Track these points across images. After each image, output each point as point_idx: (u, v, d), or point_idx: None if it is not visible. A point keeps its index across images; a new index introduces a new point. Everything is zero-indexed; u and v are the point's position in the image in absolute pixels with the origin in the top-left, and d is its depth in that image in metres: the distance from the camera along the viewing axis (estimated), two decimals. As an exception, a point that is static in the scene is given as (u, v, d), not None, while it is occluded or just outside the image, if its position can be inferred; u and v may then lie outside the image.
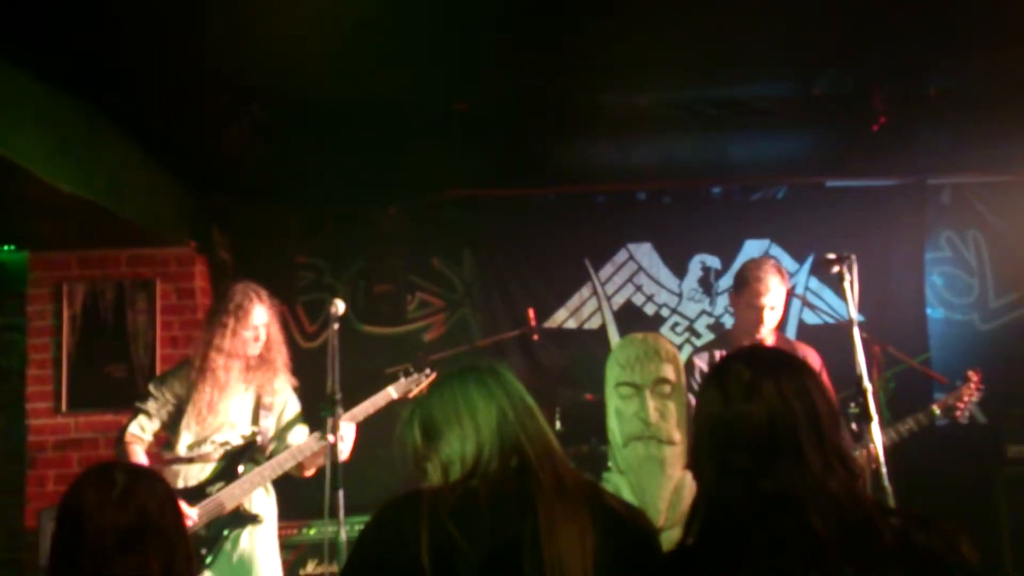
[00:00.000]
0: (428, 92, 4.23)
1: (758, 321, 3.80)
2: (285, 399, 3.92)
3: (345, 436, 3.62)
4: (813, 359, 3.90)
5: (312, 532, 4.57)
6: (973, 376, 4.24)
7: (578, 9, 3.46)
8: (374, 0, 3.30)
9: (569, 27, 3.61)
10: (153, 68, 3.77)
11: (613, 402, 2.59)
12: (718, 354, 3.94)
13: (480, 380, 1.84)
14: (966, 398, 4.22)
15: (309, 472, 3.82)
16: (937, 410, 4.22)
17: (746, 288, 3.84)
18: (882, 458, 3.00)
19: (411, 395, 3.84)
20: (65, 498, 1.84)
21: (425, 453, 1.81)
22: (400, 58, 3.83)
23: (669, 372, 2.54)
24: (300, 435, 3.88)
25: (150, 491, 1.83)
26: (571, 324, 5.68)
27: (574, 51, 3.85)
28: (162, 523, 1.81)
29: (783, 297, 3.87)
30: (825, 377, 3.77)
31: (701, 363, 3.95)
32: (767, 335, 3.86)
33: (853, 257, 3.33)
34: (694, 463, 1.74)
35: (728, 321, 5.38)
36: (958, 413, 4.23)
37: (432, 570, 1.58)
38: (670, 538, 2.19)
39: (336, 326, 3.48)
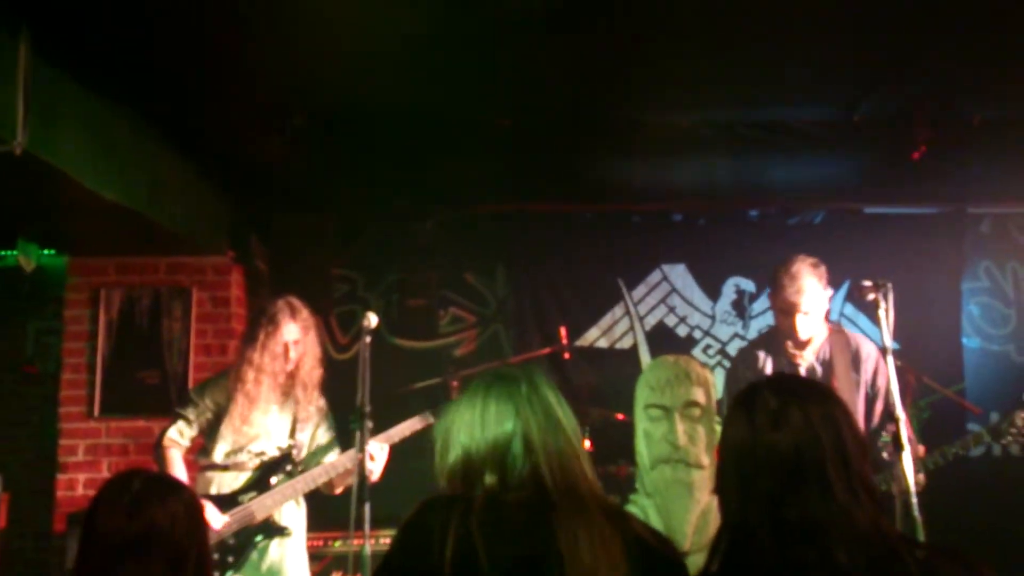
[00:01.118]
0: (469, 106, 4.26)
1: (791, 328, 3.70)
2: (320, 419, 3.94)
3: (377, 456, 3.63)
4: (870, 349, 3.79)
5: (338, 544, 4.58)
6: None
7: (623, 28, 3.46)
8: (421, 14, 3.33)
9: (613, 46, 3.61)
10: (196, 76, 3.82)
11: (642, 424, 2.58)
12: (761, 355, 3.87)
13: (505, 390, 1.81)
14: (1020, 423, 3.73)
15: (338, 490, 3.83)
16: (985, 435, 3.83)
17: (778, 294, 3.72)
18: (912, 488, 2.94)
19: None
20: (90, 502, 1.89)
21: (441, 462, 1.81)
22: (443, 71, 3.86)
23: (699, 395, 2.53)
24: (332, 456, 3.90)
25: (164, 503, 1.84)
26: (603, 343, 5.67)
27: (617, 69, 3.85)
28: (172, 534, 1.82)
29: (821, 300, 3.71)
30: (884, 367, 3.61)
31: (740, 359, 3.93)
32: (813, 332, 3.74)
33: (889, 285, 3.28)
34: (719, 489, 1.73)
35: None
36: (1012, 438, 3.75)
37: None
38: (695, 563, 2.17)
39: (368, 339, 3.49)
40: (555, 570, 1.60)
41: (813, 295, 3.65)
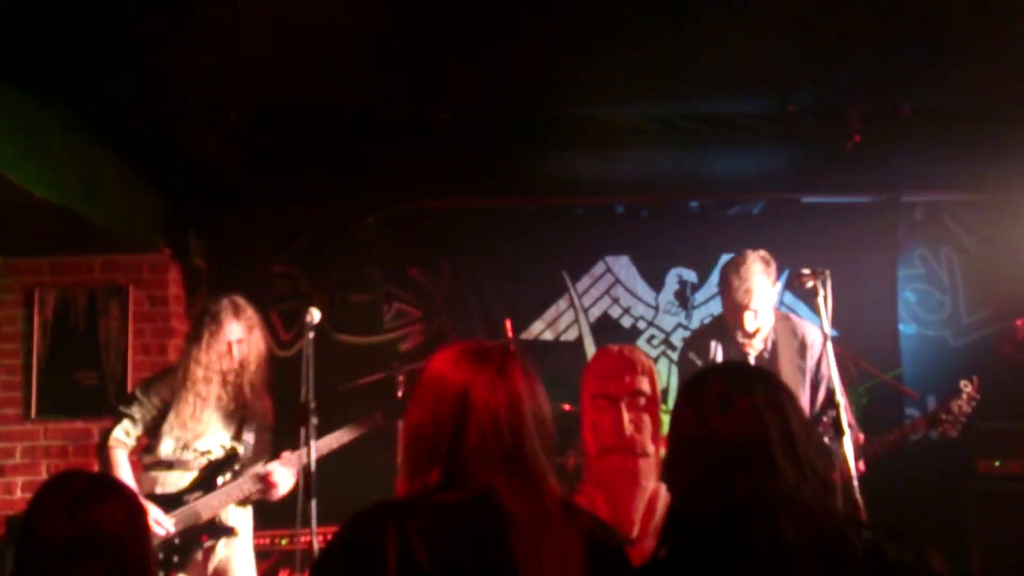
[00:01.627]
0: (408, 101, 4.23)
1: (739, 323, 3.76)
2: (265, 420, 3.90)
3: (281, 483, 3.66)
4: (815, 335, 3.85)
5: (285, 542, 4.53)
6: (967, 386, 4.00)
7: (560, 22, 3.47)
8: (356, 8, 3.30)
9: (551, 40, 3.62)
10: (130, 72, 3.75)
11: (588, 414, 2.59)
12: (712, 344, 3.92)
13: (468, 366, 1.67)
14: (956, 410, 3.98)
15: (277, 496, 3.79)
16: (926, 422, 4.05)
17: (727, 291, 3.78)
18: (854, 472, 3.01)
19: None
20: (28, 504, 1.84)
21: (402, 454, 1.70)
22: (379, 67, 3.83)
23: (644, 384, 2.54)
24: (260, 464, 3.87)
25: (105, 504, 1.80)
26: (548, 336, 5.68)
27: (555, 64, 3.86)
28: (114, 537, 1.78)
29: (769, 295, 3.77)
30: (828, 352, 3.64)
31: (691, 346, 3.98)
32: (761, 322, 3.79)
33: (827, 272, 3.35)
34: (668, 474, 1.74)
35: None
36: (947, 426, 3.98)
37: None
38: (643, 550, 2.19)
39: (311, 335, 3.46)
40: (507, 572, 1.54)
41: (762, 292, 3.73)
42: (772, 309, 3.87)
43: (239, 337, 3.79)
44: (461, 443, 1.62)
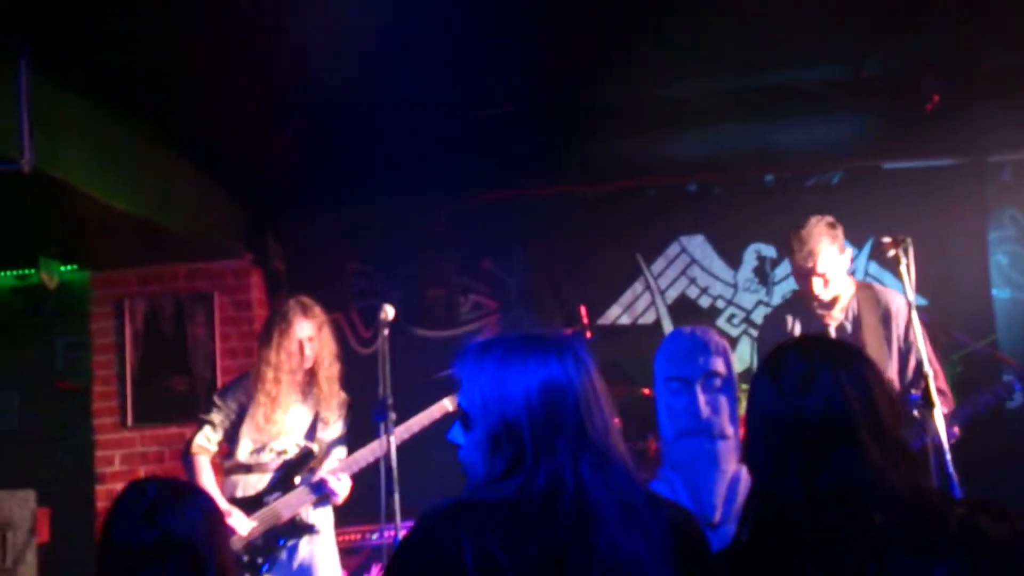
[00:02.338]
0: (475, 93, 4.24)
1: (808, 291, 3.65)
2: (339, 416, 3.96)
3: (339, 490, 3.72)
4: (900, 303, 3.71)
5: (375, 537, 4.60)
6: None
7: (619, 3, 3.43)
8: (408, 6, 3.31)
9: (615, 18, 3.57)
10: (195, 81, 3.84)
11: (663, 397, 2.56)
12: (789, 319, 3.82)
13: (531, 354, 1.61)
14: None
15: (336, 503, 3.85)
16: (1015, 381, 3.71)
17: (792, 257, 3.68)
18: (946, 445, 2.91)
19: None
20: (107, 511, 1.88)
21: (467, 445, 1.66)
22: (443, 61, 3.84)
23: (719, 365, 2.50)
24: (335, 458, 3.93)
25: (180, 508, 1.82)
26: (625, 320, 5.64)
27: (616, 45, 3.82)
28: (190, 542, 1.80)
29: (838, 260, 3.63)
30: (916, 320, 3.54)
31: (768, 324, 3.89)
32: (839, 289, 3.67)
33: (909, 240, 3.23)
34: (748, 457, 1.69)
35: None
36: None
37: None
38: (726, 534, 2.15)
39: (386, 331, 3.50)
40: (586, 564, 1.50)
41: (827, 256, 3.59)
42: (848, 277, 3.73)
43: (309, 335, 3.84)
44: (534, 433, 1.58)
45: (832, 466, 1.53)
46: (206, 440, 3.87)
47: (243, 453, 3.81)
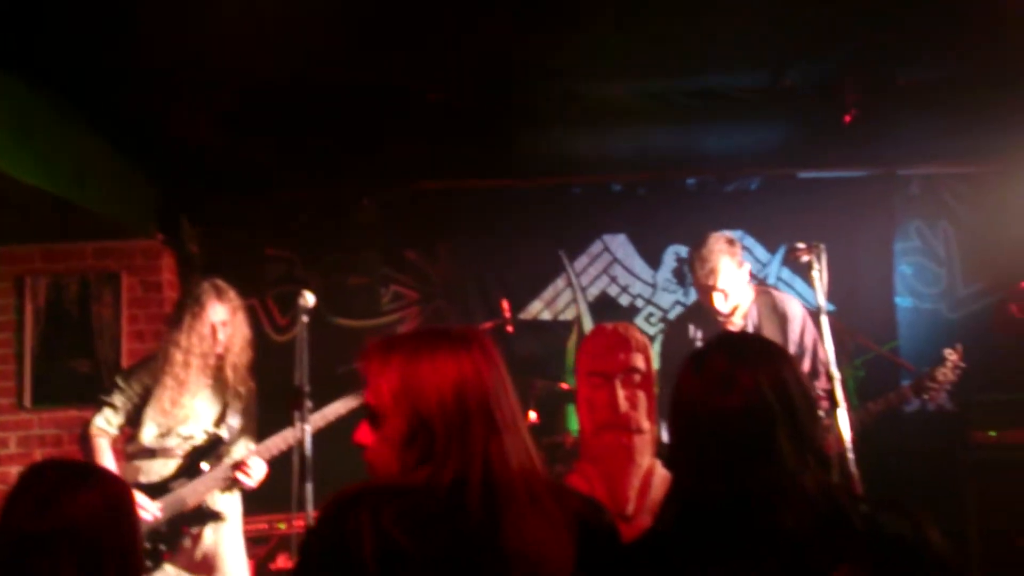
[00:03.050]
0: (402, 82, 4.19)
1: (709, 304, 3.78)
2: (247, 404, 3.88)
3: (254, 474, 3.65)
4: (796, 308, 3.88)
5: (283, 526, 4.53)
6: (951, 355, 4.06)
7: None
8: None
9: (544, 16, 3.58)
10: (115, 55, 3.70)
11: (584, 391, 2.58)
12: (691, 327, 3.94)
13: (440, 348, 1.64)
14: (940, 378, 4.03)
15: (247, 486, 3.76)
16: (911, 390, 4.07)
17: (695, 273, 3.80)
18: (849, 444, 3.01)
19: None
20: (3, 495, 1.77)
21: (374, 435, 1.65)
22: (374, 47, 3.79)
23: (639, 361, 2.54)
24: (242, 448, 3.86)
25: (79, 493, 1.71)
26: (546, 315, 5.67)
27: (549, 41, 3.82)
28: (88, 529, 1.68)
29: (737, 275, 3.77)
30: (811, 325, 3.75)
31: (671, 332, 3.98)
32: (739, 298, 3.80)
33: (822, 247, 3.34)
34: (670, 453, 1.72)
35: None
36: (933, 393, 4.04)
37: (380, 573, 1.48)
38: (638, 527, 2.18)
39: (305, 319, 3.45)
40: (495, 554, 1.52)
41: (727, 273, 3.73)
42: (747, 286, 3.87)
43: (223, 319, 3.76)
44: (446, 425, 1.59)
45: (749, 465, 1.56)
46: (106, 423, 3.75)
47: (148, 437, 3.71)
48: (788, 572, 1.50)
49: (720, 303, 3.75)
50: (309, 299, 3.50)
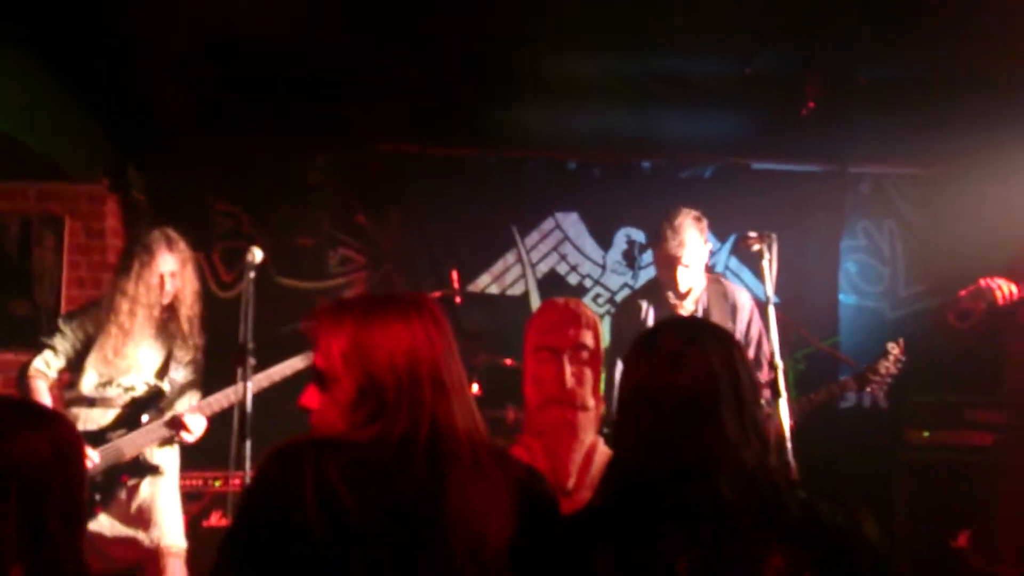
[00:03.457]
0: (363, 45, 4.13)
1: (672, 280, 3.80)
2: (193, 357, 3.82)
3: (193, 427, 3.62)
4: (746, 299, 3.94)
5: (218, 484, 4.48)
6: (894, 348, 4.13)
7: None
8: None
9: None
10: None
11: (531, 366, 2.59)
12: (644, 304, 3.96)
13: (390, 312, 1.65)
14: (883, 371, 4.11)
15: (186, 442, 3.72)
16: (854, 381, 4.14)
17: (662, 246, 3.82)
18: (788, 434, 3.07)
19: None
20: None
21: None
22: (336, 9, 3.73)
23: (588, 338, 2.54)
24: (187, 401, 3.81)
25: (21, 433, 1.61)
26: (494, 289, 5.66)
27: (516, 12, 3.80)
28: (35, 472, 1.60)
29: (702, 253, 3.83)
30: (758, 317, 3.82)
31: (624, 308, 3.97)
32: (692, 283, 3.83)
33: (774, 236, 3.38)
34: (615, 427, 1.73)
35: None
36: (875, 386, 4.12)
37: (322, 531, 1.48)
38: (578, 501, 2.20)
39: (252, 275, 3.39)
40: (434, 515, 1.53)
41: (694, 248, 3.77)
42: (704, 271, 3.91)
43: (172, 270, 3.70)
44: (397, 387, 1.61)
45: (694, 439, 1.59)
46: (45, 365, 3.67)
47: (87, 386, 3.64)
48: (724, 544, 1.52)
49: (683, 278, 3.77)
50: (257, 255, 3.44)
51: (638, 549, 1.55)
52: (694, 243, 3.77)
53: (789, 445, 3.07)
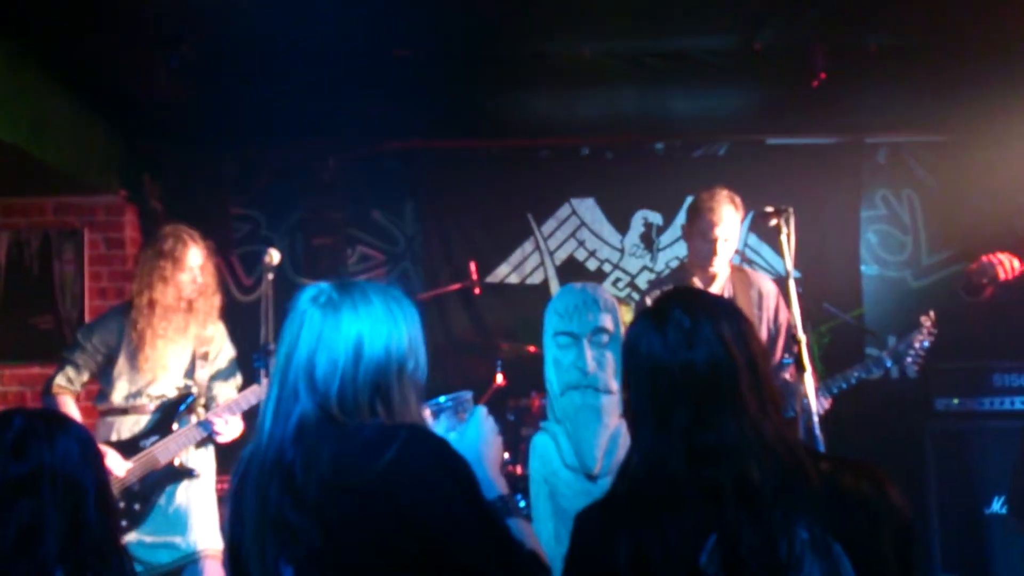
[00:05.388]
0: (369, 39, 4.12)
1: (711, 253, 3.71)
2: (220, 347, 3.83)
3: (228, 429, 3.62)
4: (770, 286, 3.89)
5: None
6: (926, 320, 3.98)
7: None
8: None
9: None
10: (81, 6, 3.60)
11: (551, 351, 2.58)
12: None
13: (341, 304, 1.72)
14: (917, 344, 3.95)
15: (223, 442, 3.72)
16: (886, 357, 3.99)
17: (698, 219, 3.73)
18: (814, 407, 3.03)
19: None
20: None
21: None
22: (339, 4, 3.72)
23: (607, 322, 2.54)
24: (230, 388, 3.80)
25: (50, 438, 1.81)
26: (513, 279, 5.66)
27: (518, 0, 3.78)
28: (64, 471, 1.79)
29: (738, 228, 3.77)
30: (782, 302, 3.77)
31: (650, 296, 3.92)
32: (721, 268, 3.79)
33: (791, 210, 3.34)
34: (632, 412, 1.71)
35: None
36: (910, 360, 3.95)
37: None
38: (604, 486, 2.19)
39: (271, 276, 3.41)
40: None
41: (731, 223, 3.71)
42: (729, 260, 3.86)
43: (201, 263, 3.71)
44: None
45: (714, 419, 1.56)
46: (67, 380, 3.68)
47: (118, 396, 3.65)
48: (747, 522, 1.50)
49: (723, 251, 3.69)
50: (275, 256, 3.46)
51: (661, 534, 1.53)
52: (731, 218, 3.71)
53: (816, 420, 3.04)
